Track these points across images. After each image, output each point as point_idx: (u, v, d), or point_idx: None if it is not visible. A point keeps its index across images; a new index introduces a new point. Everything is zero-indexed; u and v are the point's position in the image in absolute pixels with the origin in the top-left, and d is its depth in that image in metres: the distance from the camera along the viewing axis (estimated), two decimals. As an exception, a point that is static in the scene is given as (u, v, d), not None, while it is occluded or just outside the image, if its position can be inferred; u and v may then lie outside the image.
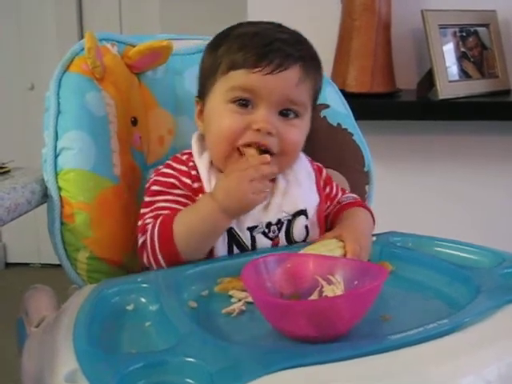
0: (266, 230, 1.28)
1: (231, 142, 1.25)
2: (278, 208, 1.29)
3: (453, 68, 2.30)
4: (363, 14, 2.21)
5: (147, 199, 1.29)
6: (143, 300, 1.06)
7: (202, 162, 1.30)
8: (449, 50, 2.31)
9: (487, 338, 0.92)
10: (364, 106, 2.15)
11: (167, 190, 1.28)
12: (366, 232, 1.29)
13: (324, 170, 1.45)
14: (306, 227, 1.33)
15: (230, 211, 1.19)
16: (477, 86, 2.34)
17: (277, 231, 1.29)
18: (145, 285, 1.09)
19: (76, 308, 1.01)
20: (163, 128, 1.51)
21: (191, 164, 1.31)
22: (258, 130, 1.23)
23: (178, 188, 1.28)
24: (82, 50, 1.37)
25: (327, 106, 1.55)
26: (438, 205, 2.44)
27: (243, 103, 1.24)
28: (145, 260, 1.23)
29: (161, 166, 1.33)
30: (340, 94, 1.60)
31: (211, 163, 1.30)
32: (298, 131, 1.29)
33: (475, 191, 2.44)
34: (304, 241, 1.32)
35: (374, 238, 1.30)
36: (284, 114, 1.26)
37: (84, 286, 1.28)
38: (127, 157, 1.40)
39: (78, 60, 1.37)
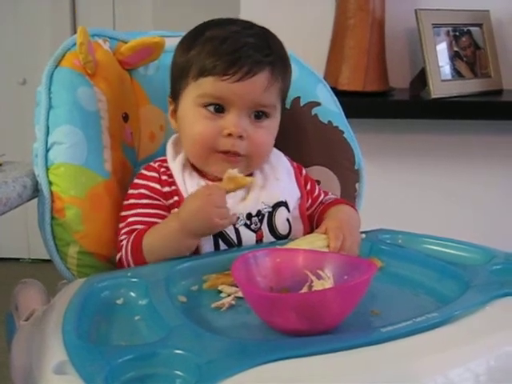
0: (248, 222, 1.30)
1: (206, 147, 1.29)
2: (255, 200, 1.31)
3: (446, 67, 2.31)
4: (357, 12, 2.21)
5: (123, 213, 1.32)
6: (133, 294, 1.06)
7: (175, 166, 1.33)
8: (442, 50, 2.31)
9: (476, 331, 0.93)
10: (357, 104, 2.16)
11: (137, 202, 1.31)
12: (351, 222, 1.29)
13: (304, 170, 1.46)
14: (288, 221, 1.34)
15: (194, 232, 1.21)
16: (469, 86, 2.34)
17: (258, 223, 1.31)
18: (134, 279, 1.09)
19: (65, 302, 1.01)
20: (154, 124, 1.51)
21: (163, 170, 1.33)
22: (230, 135, 1.26)
23: (148, 197, 1.31)
24: (74, 45, 1.37)
25: (318, 104, 1.56)
26: (429, 203, 2.45)
27: (215, 108, 1.27)
28: None
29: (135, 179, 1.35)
30: (331, 91, 1.61)
31: (184, 165, 1.33)
32: (266, 132, 1.32)
33: (467, 190, 2.45)
34: (288, 235, 1.34)
35: (364, 235, 1.31)
36: (255, 115, 1.29)
37: (73, 280, 1.28)
38: (118, 152, 1.40)
39: (70, 55, 1.37)
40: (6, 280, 1.74)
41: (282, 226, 1.33)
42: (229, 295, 1.07)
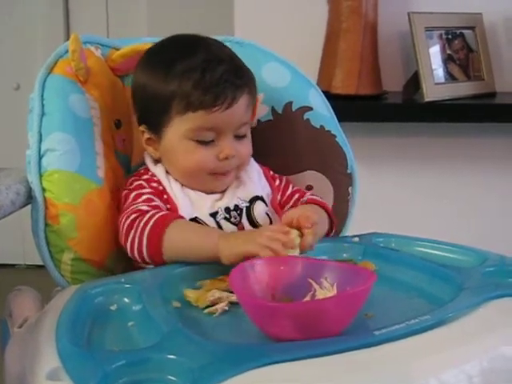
0: (227, 216, 1.35)
1: (203, 173, 1.34)
2: (232, 195, 1.38)
3: (439, 70, 2.31)
4: (350, 16, 2.22)
5: (129, 196, 1.33)
6: (126, 300, 1.07)
7: (158, 171, 1.38)
8: (435, 53, 2.32)
9: (469, 332, 0.93)
10: (350, 107, 2.17)
11: (140, 191, 1.33)
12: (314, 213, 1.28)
13: (271, 172, 1.50)
14: (267, 214, 1.39)
15: (221, 252, 1.18)
16: (462, 89, 2.35)
17: (238, 217, 1.36)
18: (128, 285, 1.10)
19: (59, 308, 1.02)
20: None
21: (150, 173, 1.38)
22: (226, 158, 1.32)
23: (147, 187, 1.34)
24: (66, 52, 1.38)
25: (310, 109, 1.55)
26: (423, 207, 2.45)
27: (207, 140, 1.32)
28: (130, 240, 1.26)
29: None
30: (323, 96, 1.60)
31: (167, 172, 1.37)
32: (248, 144, 1.40)
33: (461, 193, 2.45)
34: None
35: (357, 239, 1.32)
36: (238, 136, 1.35)
37: (67, 287, 1.28)
38: (111, 159, 1.40)
39: (62, 62, 1.38)
40: (2, 286, 1.74)
41: (261, 219, 1.38)
42: (219, 298, 1.07)
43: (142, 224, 1.25)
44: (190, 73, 1.29)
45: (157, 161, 1.39)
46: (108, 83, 1.45)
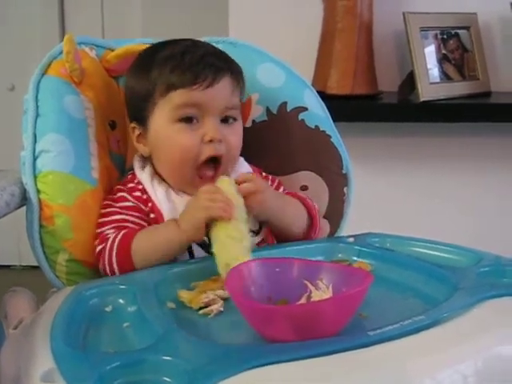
0: None
1: (190, 162, 1.32)
2: None
3: (434, 70, 2.32)
4: (345, 16, 2.22)
5: (101, 219, 1.33)
6: (121, 301, 1.06)
7: (144, 176, 1.37)
8: (430, 53, 2.32)
9: (464, 333, 0.93)
10: (346, 107, 2.17)
11: (119, 205, 1.34)
12: (281, 196, 1.36)
13: (263, 173, 1.49)
14: None
15: (186, 224, 1.23)
16: (457, 88, 2.35)
17: None
18: (123, 286, 1.10)
19: (54, 310, 1.02)
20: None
21: (136, 180, 1.37)
22: (211, 141, 1.30)
23: (129, 200, 1.34)
24: (61, 53, 1.38)
25: (305, 109, 1.55)
26: (418, 206, 2.45)
27: (190, 119, 1.31)
28: (100, 267, 1.28)
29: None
30: (318, 96, 1.60)
31: (152, 175, 1.37)
32: (238, 134, 1.38)
33: (457, 193, 2.46)
34: (259, 230, 1.37)
35: (352, 239, 1.32)
36: (225, 120, 1.34)
37: (63, 288, 1.28)
38: (105, 160, 1.40)
39: (57, 63, 1.38)
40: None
41: (252, 222, 1.34)
42: (213, 299, 1.07)
43: (107, 251, 1.26)
44: (169, 59, 1.31)
45: (145, 161, 1.39)
46: (103, 84, 1.45)
